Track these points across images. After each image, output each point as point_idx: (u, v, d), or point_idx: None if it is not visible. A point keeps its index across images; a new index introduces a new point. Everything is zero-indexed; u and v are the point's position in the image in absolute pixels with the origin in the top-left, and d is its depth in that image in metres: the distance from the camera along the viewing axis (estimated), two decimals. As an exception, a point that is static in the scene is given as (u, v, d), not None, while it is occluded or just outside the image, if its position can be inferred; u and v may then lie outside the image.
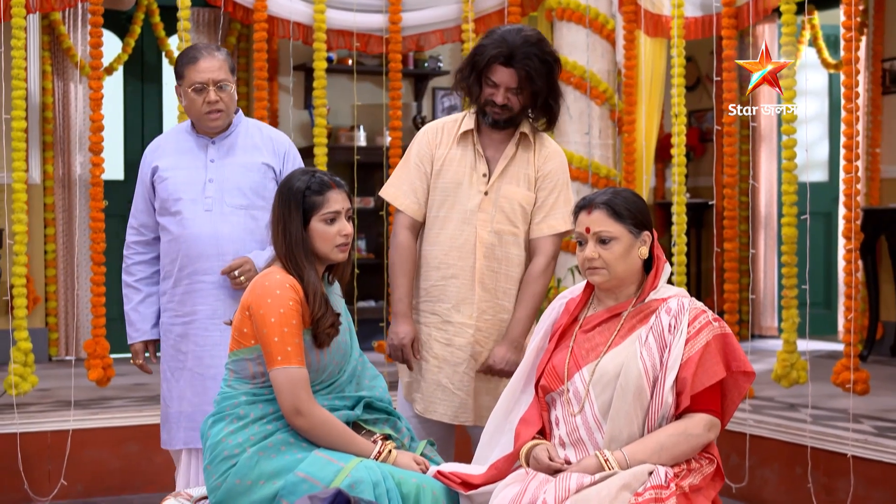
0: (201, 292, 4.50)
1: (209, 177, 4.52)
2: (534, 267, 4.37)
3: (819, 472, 5.69)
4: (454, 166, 4.37)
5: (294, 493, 3.47)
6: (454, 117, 4.48)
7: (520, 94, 4.27)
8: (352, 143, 9.04)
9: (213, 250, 4.48)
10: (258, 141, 4.60)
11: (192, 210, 4.49)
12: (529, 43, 4.23)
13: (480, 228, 4.33)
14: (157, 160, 4.60)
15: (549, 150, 4.43)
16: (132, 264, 4.68)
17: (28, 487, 6.05)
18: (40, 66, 8.60)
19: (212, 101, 4.45)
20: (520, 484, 3.41)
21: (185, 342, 4.53)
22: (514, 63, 4.21)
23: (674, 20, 6.87)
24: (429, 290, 4.40)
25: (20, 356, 6.26)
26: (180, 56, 4.53)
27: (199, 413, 4.46)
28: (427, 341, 4.40)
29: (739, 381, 3.56)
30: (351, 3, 7.27)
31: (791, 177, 6.21)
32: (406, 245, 4.41)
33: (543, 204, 4.37)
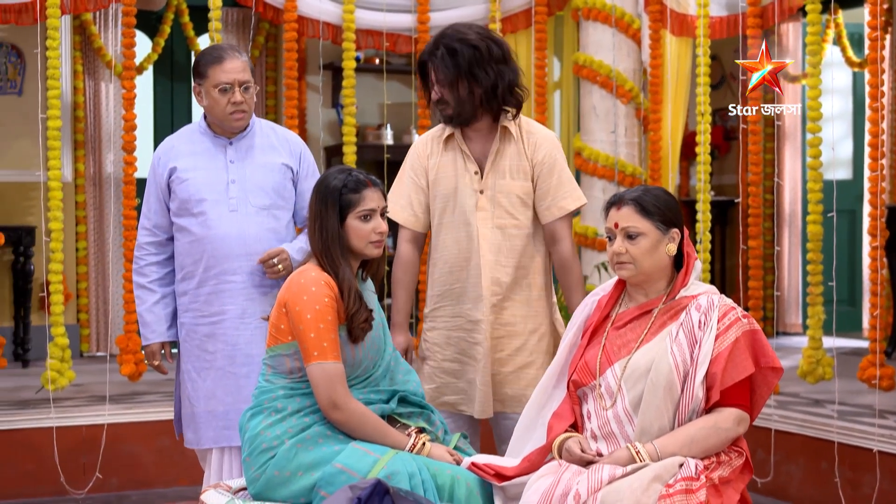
0: (229, 292, 4.51)
1: (231, 178, 4.54)
2: (563, 253, 4.44)
3: (845, 467, 5.75)
4: (447, 172, 4.46)
5: (332, 484, 3.55)
6: (440, 127, 4.57)
7: (445, 87, 4.34)
8: (378, 142, 9.14)
9: (241, 250, 4.50)
10: (275, 142, 4.64)
11: (216, 211, 4.50)
12: (443, 35, 4.36)
13: (482, 226, 4.41)
14: (173, 161, 4.58)
15: (537, 136, 4.48)
16: (145, 265, 4.64)
17: (64, 481, 6.15)
18: (72, 66, 8.72)
19: (237, 102, 4.46)
20: (553, 475, 3.48)
21: (213, 342, 4.54)
22: (430, 59, 4.35)
23: (699, 19, 6.93)
24: (445, 294, 4.49)
25: (57, 352, 6.38)
26: (201, 55, 4.53)
27: (232, 412, 4.49)
28: (455, 343, 4.48)
29: (768, 377, 3.62)
30: (380, 4, 7.36)
31: (816, 175, 6.27)
32: (406, 259, 4.52)
33: (547, 189, 4.44)
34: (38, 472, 6.20)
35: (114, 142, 8.87)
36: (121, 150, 7.98)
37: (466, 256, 4.42)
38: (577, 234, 7.57)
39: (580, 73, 7.58)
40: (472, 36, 4.35)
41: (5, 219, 8.11)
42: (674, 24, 7.37)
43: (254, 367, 4.45)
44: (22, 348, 8.24)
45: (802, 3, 6.52)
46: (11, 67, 8.42)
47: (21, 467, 6.20)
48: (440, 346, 4.49)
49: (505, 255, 4.42)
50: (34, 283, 8.33)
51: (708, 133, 6.90)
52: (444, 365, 4.49)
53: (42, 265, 8.24)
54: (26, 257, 8.21)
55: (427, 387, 4.50)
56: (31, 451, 6.21)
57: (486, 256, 4.40)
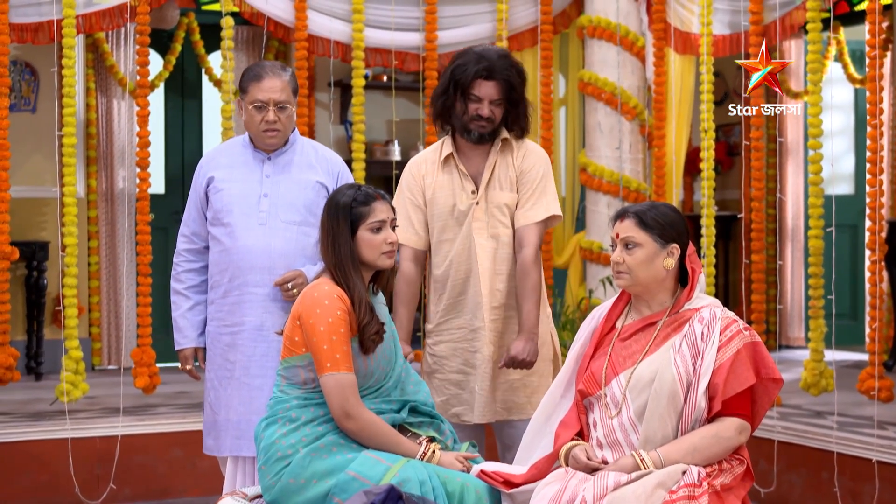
0: (250, 304, 4.54)
1: (264, 191, 4.57)
2: (525, 258, 4.56)
3: (845, 477, 5.84)
4: (444, 191, 4.60)
5: (345, 491, 3.65)
6: (434, 146, 4.72)
7: (501, 106, 4.53)
8: (386, 158, 9.25)
9: (265, 263, 4.52)
10: (313, 160, 4.67)
11: (244, 223, 4.54)
12: (505, 56, 4.55)
13: (478, 237, 4.56)
14: (212, 171, 4.65)
15: (527, 148, 4.66)
16: (182, 272, 4.71)
17: (79, 491, 6.23)
18: (84, 84, 8.83)
19: (270, 121, 4.51)
20: (560, 482, 3.58)
21: (233, 352, 4.58)
22: (496, 75, 4.48)
23: (702, 38, 7.02)
24: (449, 308, 4.62)
25: (71, 364, 6.49)
26: (246, 71, 4.59)
27: (244, 422, 4.54)
28: (460, 354, 4.61)
29: (769, 388, 3.72)
30: (389, 23, 7.47)
31: (818, 190, 6.37)
32: (407, 277, 4.64)
33: (523, 196, 4.60)
34: (54, 482, 6.28)
35: (126, 158, 8.99)
36: (133, 166, 8.11)
37: (467, 268, 4.57)
38: (582, 248, 7.67)
39: (585, 91, 7.68)
40: (519, 62, 4.61)
41: (19, 234, 8.21)
42: (677, 42, 7.47)
43: (267, 378, 4.48)
44: (35, 361, 8.33)
45: (804, 21, 6.61)
46: (25, 85, 8.53)
47: (37, 478, 6.28)
48: (447, 358, 4.62)
49: (500, 263, 4.58)
50: (47, 298, 8.43)
51: (711, 149, 7.00)
52: (452, 377, 4.61)
53: (54, 279, 8.36)
54: (40, 272, 8.31)
55: (436, 399, 4.61)
56: (46, 462, 6.30)
57: (483, 265, 4.54)
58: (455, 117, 4.56)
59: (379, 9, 7.45)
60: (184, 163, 9.57)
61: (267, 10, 7.17)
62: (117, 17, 6.89)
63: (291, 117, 4.59)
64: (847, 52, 9.66)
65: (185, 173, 9.44)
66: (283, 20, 7.25)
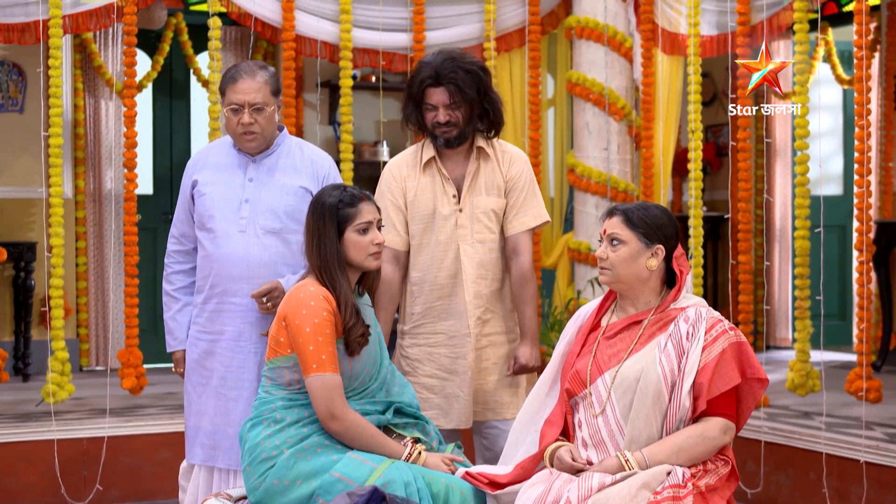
0: (229, 313, 4.47)
1: (245, 196, 4.47)
2: (523, 266, 4.60)
3: (833, 478, 5.84)
4: (426, 195, 4.61)
5: (330, 493, 3.66)
6: (413, 149, 4.73)
7: (458, 109, 4.52)
8: (374, 158, 9.25)
9: (244, 273, 4.44)
10: (298, 163, 4.55)
11: (225, 230, 4.46)
12: (451, 59, 4.53)
13: (463, 242, 4.57)
14: (197, 173, 4.57)
15: (511, 154, 4.68)
16: (171, 273, 4.65)
17: (65, 493, 6.22)
18: (72, 84, 8.81)
19: (245, 123, 4.40)
20: (544, 484, 3.59)
21: (211, 360, 4.51)
22: (442, 80, 4.49)
23: (690, 38, 7.03)
24: (426, 312, 4.62)
25: (57, 365, 6.47)
26: (224, 74, 4.50)
27: (220, 433, 4.47)
28: (436, 359, 4.61)
29: (754, 388, 3.74)
30: (377, 23, 7.46)
31: (804, 191, 6.37)
32: (386, 280, 4.60)
33: (514, 204, 4.62)
34: (40, 483, 6.26)
35: (113, 158, 8.97)
36: (121, 166, 8.09)
37: (450, 273, 4.57)
38: (570, 249, 7.67)
39: (573, 91, 7.68)
40: (476, 60, 4.58)
41: (6, 234, 8.20)
42: (665, 42, 7.48)
43: (243, 391, 4.44)
44: (23, 362, 8.31)
45: (792, 22, 6.62)
46: (13, 85, 8.52)
47: (23, 479, 6.27)
48: (421, 361, 4.62)
49: (486, 269, 4.59)
50: (35, 298, 8.41)
51: (699, 150, 7.00)
52: (424, 380, 4.61)
53: (42, 280, 8.34)
54: (27, 273, 8.29)
55: None
56: (32, 463, 6.28)
57: (468, 271, 4.56)
58: (420, 126, 4.60)
59: (367, 9, 7.44)
60: (172, 163, 9.55)
61: (254, 11, 7.16)
62: (104, 17, 6.87)
63: (271, 119, 4.47)
64: (835, 53, 9.68)
65: (172, 174, 9.43)
66: (271, 20, 7.24)
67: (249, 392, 4.42)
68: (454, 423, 4.57)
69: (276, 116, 4.51)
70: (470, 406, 4.56)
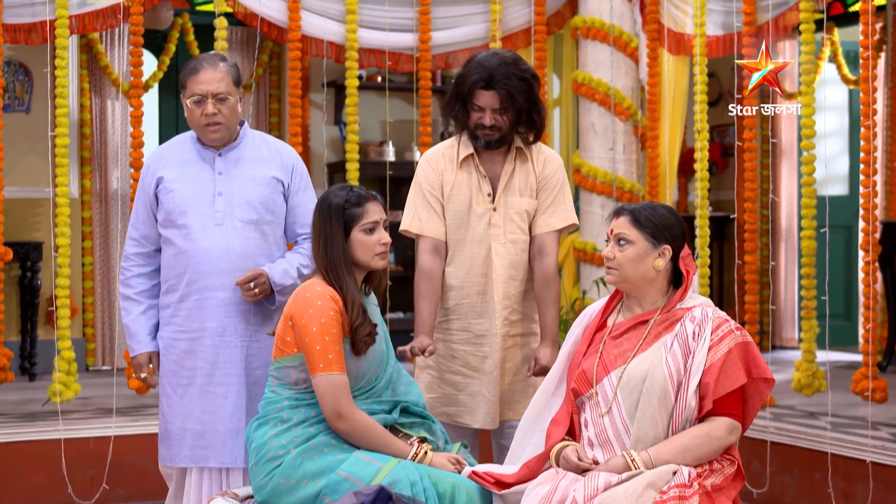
0: (211, 308, 4.39)
1: (218, 190, 4.40)
2: (548, 268, 4.57)
3: (838, 478, 5.85)
4: (462, 191, 4.58)
5: (336, 492, 3.66)
6: (450, 143, 4.68)
7: (505, 114, 4.48)
8: (380, 158, 9.26)
9: (225, 266, 4.37)
10: (266, 154, 4.50)
11: (200, 224, 4.38)
12: (506, 64, 4.47)
13: (495, 242, 4.54)
14: (160, 171, 4.46)
15: (546, 155, 4.66)
16: (132, 276, 4.52)
17: (72, 492, 6.24)
18: (78, 84, 8.83)
19: (209, 114, 4.33)
20: (550, 483, 3.59)
21: (192, 358, 4.41)
22: (495, 85, 4.44)
23: (696, 38, 7.04)
24: (455, 308, 4.59)
25: (64, 365, 6.48)
26: (184, 67, 4.43)
27: (209, 432, 4.39)
28: (462, 357, 4.58)
29: (760, 388, 3.74)
30: (382, 23, 7.48)
31: (810, 191, 6.38)
32: (428, 270, 4.57)
33: (543, 204, 4.60)
34: (47, 483, 6.28)
35: (120, 158, 8.98)
36: (127, 166, 8.10)
37: (482, 272, 4.54)
38: (576, 249, 7.68)
39: (579, 91, 7.69)
40: (529, 68, 4.54)
41: (13, 234, 8.21)
42: (671, 43, 7.48)
43: (231, 386, 4.39)
44: (29, 362, 8.33)
45: (798, 22, 6.63)
46: (19, 85, 8.53)
47: (30, 478, 6.29)
48: (444, 357, 4.60)
49: (516, 269, 4.56)
50: (41, 298, 8.43)
51: (705, 150, 7.01)
52: (447, 377, 4.59)
53: (48, 280, 8.36)
54: (33, 272, 8.31)
55: (427, 396, 4.60)
56: (39, 462, 6.30)
57: (498, 271, 4.53)
58: (463, 125, 4.56)
59: (373, 9, 7.46)
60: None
61: (260, 11, 7.18)
62: (111, 17, 6.89)
63: (234, 109, 4.41)
64: (841, 53, 9.67)
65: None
66: (277, 21, 7.26)
67: (238, 387, 4.39)
68: (481, 423, 4.55)
69: (238, 107, 4.44)
70: (496, 406, 4.53)
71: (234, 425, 4.38)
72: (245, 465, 4.34)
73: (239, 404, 4.39)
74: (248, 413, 4.37)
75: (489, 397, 4.53)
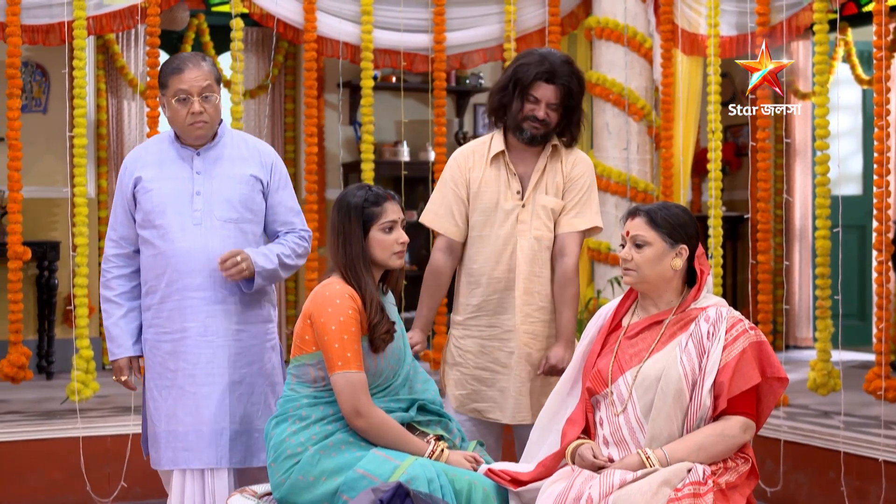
0: (192, 309, 4.33)
1: (196, 189, 4.35)
2: (567, 268, 4.60)
3: (852, 477, 5.87)
4: (490, 187, 4.62)
5: (354, 489, 3.69)
6: (482, 140, 4.73)
7: (557, 110, 4.55)
8: (395, 158, 9.29)
9: (204, 265, 4.31)
10: (245, 152, 4.46)
11: (179, 223, 4.32)
12: (568, 63, 4.56)
13: (521, 238, 4.57)
14: (139, 171, 4.39)
15: (576, 156, 4.69)
16: (112, 278, 4.45)
17: (90, 489, 6.28)
18: (95, 85, 8.88)
19: (196, 112, 4.28)
20: (566, 480, 3.62)
21: (175, 359, 4.34)
22: (557, 80, 4.51)
23: (710, 39, 7.06)
24: (483, 305, 4.62)
25: (82, 363, 6.53)
26: (163, 66, 4.38)
27: (192, 433, 4.32)
28: (489, 352, 4.62)
29: (774, 387, 3.77)
30: (397, 24, 7.51)
31: (824, 191, 6.40)
32: (438, 269, 4.65)
33: (568, 204, 4.63)
34: (65, 480, 6.33)
35: (136, 159, 9.02)
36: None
37: (508, 268, 4.58)
38: (590, 248, 7.70)
39: (593, 92, 7.71)
40: (581, 72, 4.63)
41: (30, 234, 8.25)
42: (685, 43, 7.50)
43: (215, 386, 4.33)
44: (46, 361, 8.38)
45: (811, 23, 6.64)
46: (36, 86, 8.59)
47: (48, 476, 6.34)
48: (473, 354, 4.63)
49: (539, 266, 4.59)
50: (58, 297, 8.48)
51: (719, 150, 7.03)
52: (476, 373, 4.62)
53: (65, 279, 8.41)
54: (51, 272, 8.36)
55: (457, 392, 4.65)
56: (57, 460, 6.35)
57: (521, 267, 4.56)
58: (510, 115, 4.58)
59: (388, 10, 7.50)
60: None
61: (276, 12, 7.22)
62: (128, 18, 6.93)
63: (217, 107, 4.36)
64: (855, 53, 9.67)
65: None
66: (293, 22, 7.30)
67: (222, 388, 4.33)
68: (509, 418, 4.58)
69: (220, 105, 4.39)
70: (523, 402, 4.56)
71: (218, 426, 4.32)
72: (229, 465, 4.33)
73: (223, 404, 4.33)
74: (232, 413, 4.34)
75: (516, 393, 4.56)
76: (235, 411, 4.34)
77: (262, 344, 4.45)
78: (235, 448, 4.34)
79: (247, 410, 4.38)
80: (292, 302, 9.57)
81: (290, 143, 9.56)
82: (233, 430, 4.34)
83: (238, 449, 4.35)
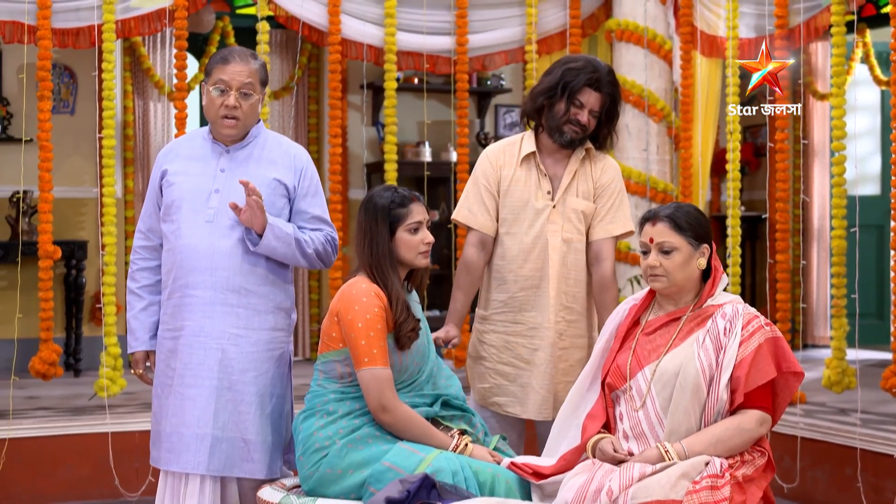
0: (189, 307, 4.21)
1: (216, 187, 4.25)
2: (605, 272, 4.67)
3: (868, 473, 5.92)
4: (520, 186, 4.69)
5: (381, 481, 3.78)
6: (513, 139, 4.81)
7: (597, 118, 4.65)
8: (417, 159, 9.37)
9: (207, 264, 4.20)
10: (276, 155, 4.35)
11: (191, 219, 4.22)
12: (612, 73, 4.67)
13: (552, 238, 4.64)
14: (167, 163, 4.33)
15: (606, 162, 4.77)
16: (137, 270, 4.38)
17: (119, 484, 6.38)
18: (122, 86, 8.98)
19: (230, 106, 4.19)
20: (587, 473, 3.70)
21: (174, 358, 4.25)
22: (603, 88, 4.61)
23: (728, 41, 7.11)
24: (509, 301, 4.69)
25: (110, 360, 6.63)
26: (214, 54, 4.31)
27: (175, 435, 4.21)
28: (513, 348, 4.69)
29: (790, 381, 3.83)
30: (420, 27, 7.59)
31: (841, 191, 6.45)
32: (471, 263, 4.70)
33: (601, 210, 4.70)
34: (94, 475, 6.42)
35: (162, 159, 9.12)
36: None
37: (536, 266, 4.64)
38: (610, 248, 7.76)
39: (613, 93, 7.77)
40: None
41: (59, 233, 8.35)
42: (704, 45, 7.56)
43: (201, 389, 4.19)
44: (74, 358, 8.48)
45: (829, 24, 6.69)
46: (65, 88, 8.70)
47: (77, 471, 6.44)
48: (497, 348, 4.70)
49: (569, 268, 4.66)
50: (86, 296, 8.58)
51: (737, 150, 7.08)
52: (499, 367, 4.69)
53: (93, 278, 8.53)
54: (78, 270, 8.46)
55: (479, 385, 4.73)
56: (86, 455, 6.44)
57: (554, 268, 4.63)
58: (550, 117, 4.64)
59: (411, 13, 7.58)
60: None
61: (301, 15, 7.32)
62: (156, 21, 7.03)
63: (255, 108, 4.27)
64: (874, 54, 9.71)
65: (219, 174, 9.55)
66: (317, 24, 7.39)
67: (208, 391, 4.19)
68: (530, 414, 4.64)
69: (258, 108, 4.31)
70: (547, 399, 4.62)
71: (200, 430, 4.18)
72: (206, 471, 4.18)
73: (207, 409, 4.18)
74: (216, 419, 4.18)
75: (539, 389, 4.63)
76: (220, 417, 4.18)
77: (263, 352, 4.28)
78: (215, 455, 4.18)
79: (233, 418, 4.20)
80: (316, 301, 9.67)
81: (313, 143, 9.64)
82: (215, 436, 4.18)
83: (218, 456, 4.19)
